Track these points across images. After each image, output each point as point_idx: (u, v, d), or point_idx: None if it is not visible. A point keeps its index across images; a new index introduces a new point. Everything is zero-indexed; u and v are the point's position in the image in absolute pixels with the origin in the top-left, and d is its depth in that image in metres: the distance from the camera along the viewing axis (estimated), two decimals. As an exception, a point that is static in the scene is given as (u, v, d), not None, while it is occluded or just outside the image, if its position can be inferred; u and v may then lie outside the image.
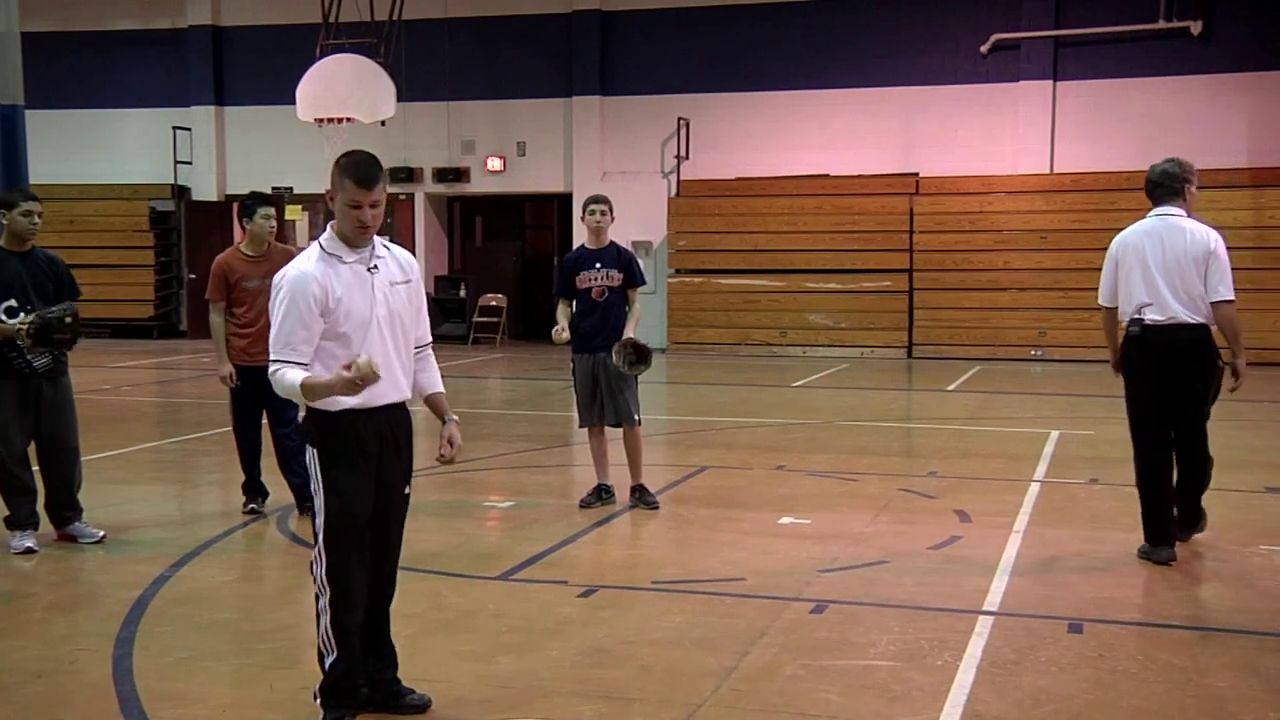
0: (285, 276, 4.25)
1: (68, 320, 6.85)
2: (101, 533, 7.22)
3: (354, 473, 4.29)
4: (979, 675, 4.98)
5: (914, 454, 11.27)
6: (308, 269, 4.23)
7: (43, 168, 14.47)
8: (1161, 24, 19.61)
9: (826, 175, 21.00)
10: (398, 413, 4.41)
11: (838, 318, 20.49)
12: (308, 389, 4.12)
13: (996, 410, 14.00)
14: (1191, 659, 5.27)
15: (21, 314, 6.86)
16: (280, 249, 8.06)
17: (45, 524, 7.17)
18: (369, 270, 4.29)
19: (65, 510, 7.20)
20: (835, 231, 20.48)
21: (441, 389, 4.63)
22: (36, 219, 6.93)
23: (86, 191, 23.45)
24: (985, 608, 5.93)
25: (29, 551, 6.92)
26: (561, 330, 8.09)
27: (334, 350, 4.23)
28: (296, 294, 4.19)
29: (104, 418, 12.17)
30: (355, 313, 4.23)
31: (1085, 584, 6.48)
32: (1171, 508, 6.92)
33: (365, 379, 3.98)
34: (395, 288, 4.35)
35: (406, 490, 4.46)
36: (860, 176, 20.83)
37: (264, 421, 7.88)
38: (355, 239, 4.28)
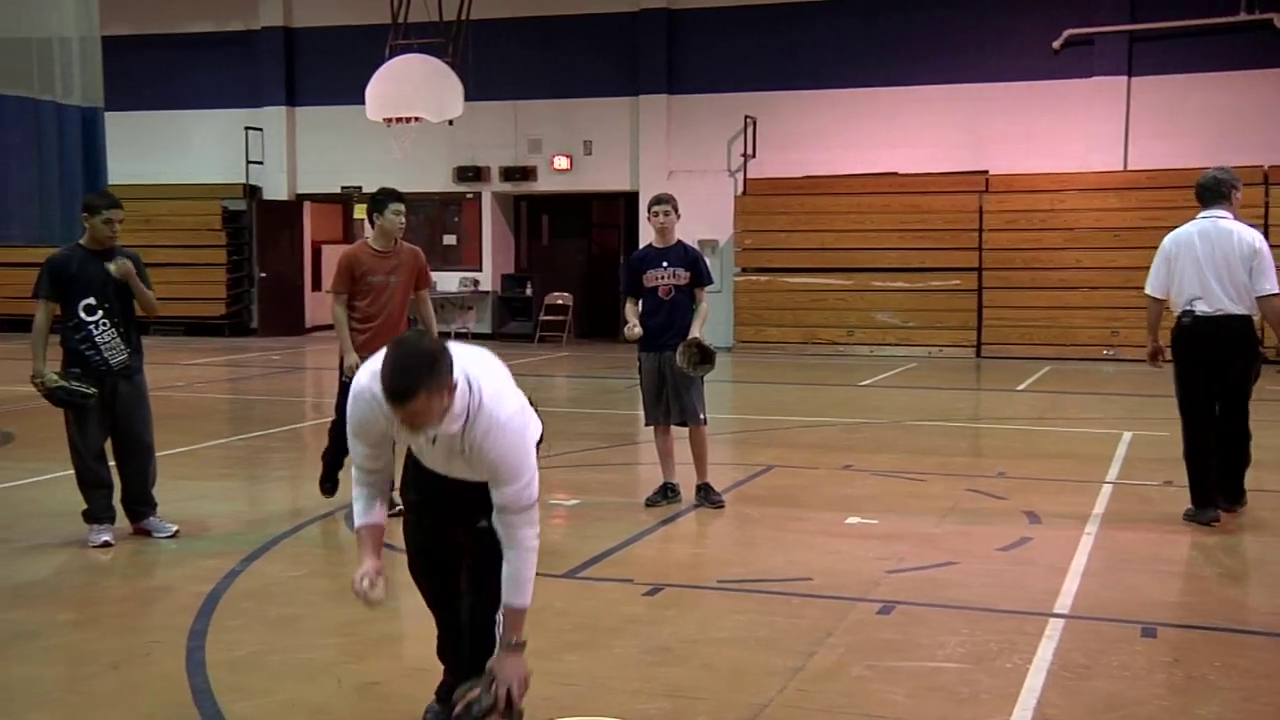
0: (353, 385, 3.97)
1: (76, 397, 6.97)
2: (175, 527, 7.34)
3: (412, 503, 4.23)
4: (1049, 679, 4.90)
5: (982, 454, 11.14)
6: (380, 399, 3.71)
7: (119, 168, 14.73)
8: (1243, 16, 19.18)
9: (894, 173, 20.83)
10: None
11: (905, 317, 20.32)
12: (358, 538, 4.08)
13: (1067, 410, 13.81)
14: (1270, 666, 5.16)
15: (100, 309, 7.00)
16: (408, 247, 7.95)
17: (121, 518, 7.30)
18: (430, 439, 3.91)
19: (140, 505, 7.33)
20: (903, 230, 20.30)
21: (517, 602, 3.90)
22: (117, 226, 7.06)
23: (161, 191, 23.84)
24: (1055, 610, 5.84)
25: (106, 545, 7.04)
26: (633, 327, 8.09)
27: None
28: (351, 413, 3.95)
29: (176, 414, 12.36)
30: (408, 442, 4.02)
31: (1159, 588, 6.38)
32: (1214, 475, 7.64)
33: (363, 597, 3.91)
34: (457, 454, 3.90)
35: (482, 524, 3.98)
36: (928, 174, 20.62)
37: None
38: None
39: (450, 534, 4.18)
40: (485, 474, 3.88)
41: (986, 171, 20.44)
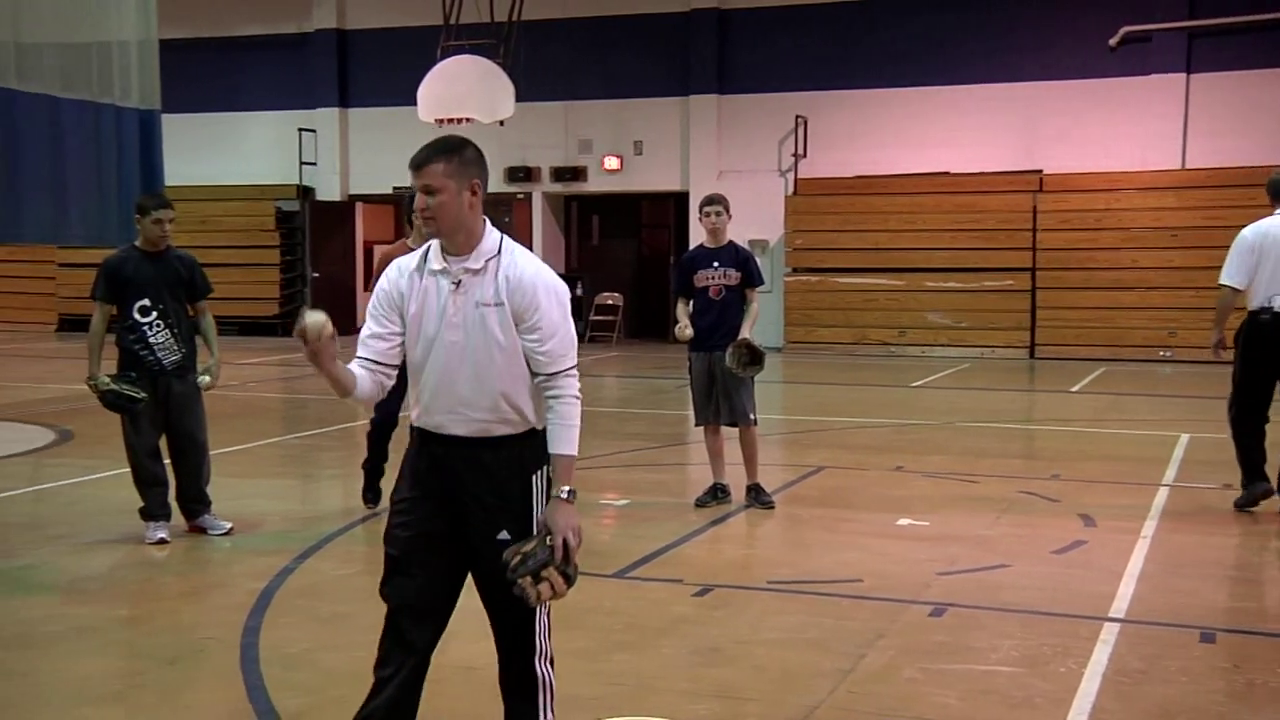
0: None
1: (123, 401, 7.06)
2: (229, 525, 7.41)
3: (410, 488, 3.71)
4: (1104, 684, 4.84)
5: (1036, 456, 11.03)
6: (405, 262, 3.72)
7: (175, 169, 14.89)
8: (1307, 10, 18.86)
9: (947, 173, 20.68)
10: (477, 448, 3.63)
11: (958, 317, 20.17)
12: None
13: (1123, 412, 13.64)
14: (1331, 673, 5.05)
15: (154, 310, 7.08)
16: None
17: (177, 515, 7.38)
18: (453, 286, 3.61)
19: (195, 503, 7.42)
20: (955, 230, 20.16)
21: (561, 450, 3.62)
22: (167, 226, 7.14)
23: (216, 193, 24.12)
24: (1111, 614, 5.76)
25: (162, 542, 7.13)
26: (684, 328, 8.10)
27: (412, 368, 3.69)
28: (379, 284, 3.73)
29: (229, 413, 12.49)
30: (422, 334, 3.63)
31: (1218, 592, 6.28)
32: (1263, 457, 7.84)
33: (303, 335, 3.44)
34: (481, 310, 3.58)
35: (502, 536, 3.63)
36: (981, 174, 20.46)
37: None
38: (426, 233, 3.69)
39: (449, 532, 3.66)
40: (522, 326, 3.57)
41: (1040, 171, 20.25)
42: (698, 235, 8.95)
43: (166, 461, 7.37)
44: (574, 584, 3.61)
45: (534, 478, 3.66)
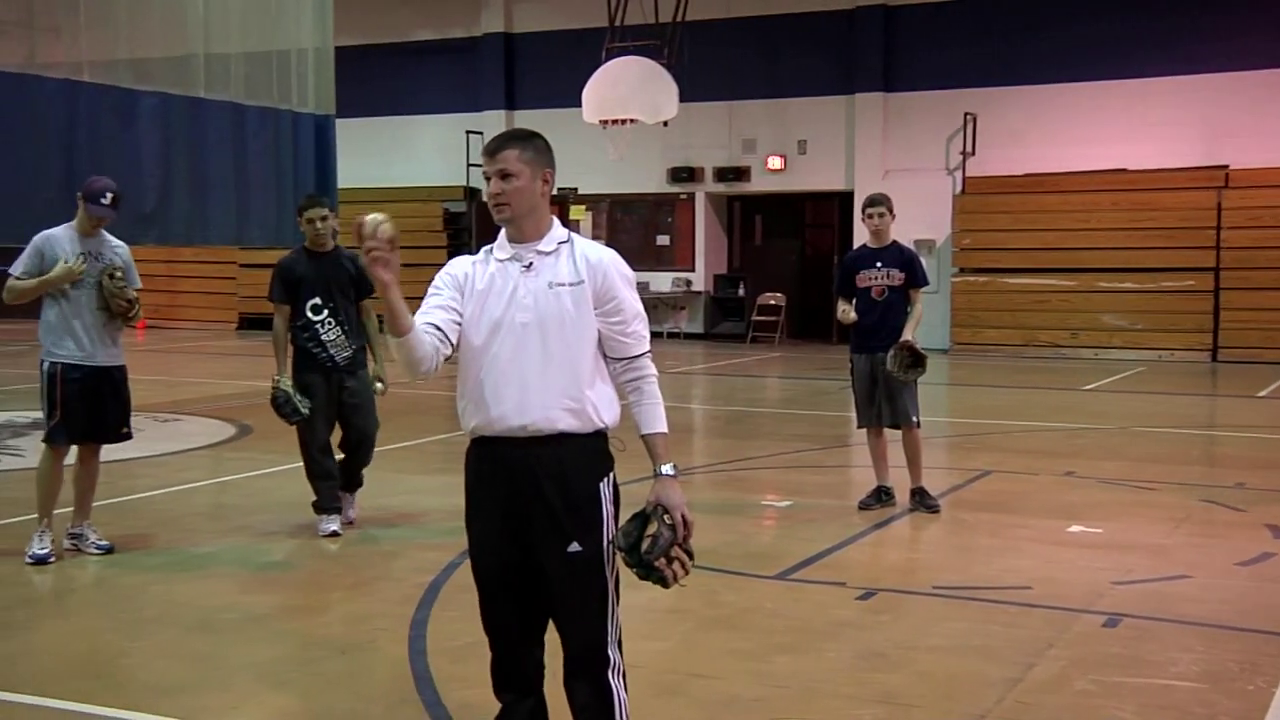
0: None
1: (287, 409, 7.24)
2: (352, 515, 7.59)
3: (477, 512, 3.60)
4: (1295, 704, 4.59)
5: (1218, 463, 10.57)
6: (469, 257, 3.68)
7: (348, 172, 15.40)
8: None
9: (1123, 170, 19.99)
10: (542, 448, 3.46)
11: (1134, 319, 19.48)
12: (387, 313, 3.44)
13: (1313, 419, 12.96)
14: None
15: (325, 309, 7.27)
16: None
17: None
18: (524, 268, 3.53)
19: (350, 484, 7.63)
20: (1131, 229, 19.48)
21: (658, 428, 3.54)
22: (319, 224, 7.28)
23: (386, 195, 24.73)
24: (1303, 632, 5.48)
25: (334, 535, 7.34)
26: (847, 311, 8.01)
27: (467, 361, 3.58)
28: (439, 273, 3.66)
29: (396, 410, 12.77)
30: (486, 315, 3.51)
31: None
32: None
33: (365, 236, 3.39)
34: (556, 290, 3.50)
35: (574, 548, 3.49)
36: (1161, 170, 19.72)
37: None
38: (498, 220, 3.59)
39: (523, 559, 3.55)
40: (602, 309, 3.51)
41: (1226, 166, 19.41)
42: (862, 235, 8.84)
43: (339, 456, 7.59)
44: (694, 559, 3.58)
45: (602, 485, 3.53)
